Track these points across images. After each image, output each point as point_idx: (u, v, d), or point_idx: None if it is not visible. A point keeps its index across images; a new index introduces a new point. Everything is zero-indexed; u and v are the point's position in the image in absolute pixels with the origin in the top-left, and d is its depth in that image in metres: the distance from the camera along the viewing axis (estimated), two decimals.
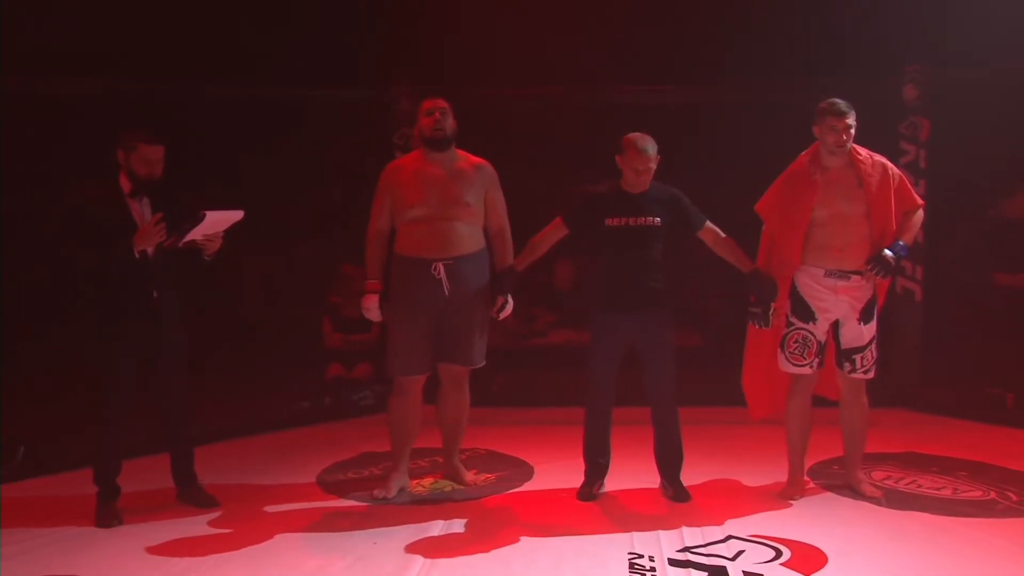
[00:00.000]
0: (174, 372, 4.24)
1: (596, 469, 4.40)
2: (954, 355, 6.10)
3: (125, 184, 4.06)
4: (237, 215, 4.04)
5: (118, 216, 4.01)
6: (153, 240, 3.98)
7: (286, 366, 6.46)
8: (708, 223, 4.30)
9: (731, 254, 4.32)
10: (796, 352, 4.21)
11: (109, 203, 4.02)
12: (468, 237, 4.31)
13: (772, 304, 4.18)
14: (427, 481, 4.63)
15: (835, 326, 4.22)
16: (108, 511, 4.08)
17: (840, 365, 4.25)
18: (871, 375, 4.25)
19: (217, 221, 4.01)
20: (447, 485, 4.58)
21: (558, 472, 4.69)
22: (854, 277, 4.13)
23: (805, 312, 4.18)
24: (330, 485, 4.62)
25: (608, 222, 4.20)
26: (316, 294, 6.75)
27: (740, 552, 3.69)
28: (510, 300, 4.39)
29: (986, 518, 4.03)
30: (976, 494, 4.35)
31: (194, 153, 5.81)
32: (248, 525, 4.04)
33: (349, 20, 6.45)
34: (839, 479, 4.47)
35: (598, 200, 4.26)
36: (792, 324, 4.21)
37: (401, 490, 4.44)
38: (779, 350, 4.26)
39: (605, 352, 4.29)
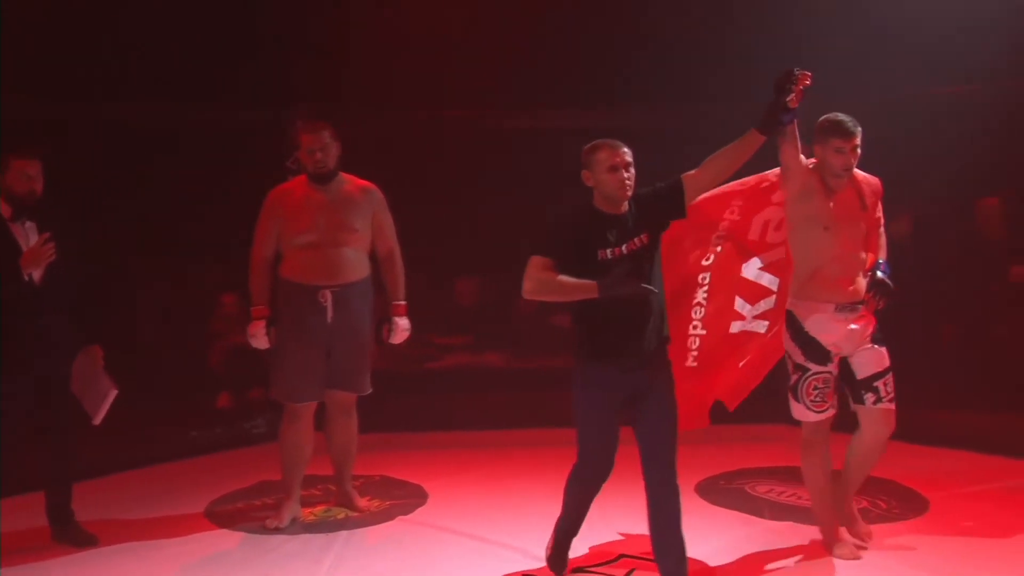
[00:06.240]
0: (63, 405, 4.07)
1: (564, 547, 3.67)
2: None
3: (5, 209, 3.91)
4: (110, 396, 4.10)
5: (1, 242, 3.86)
6: (42, 261, 3.86)
7: (174, 394, 6.29)
8: (683, 175, 3.38)
9: (729, 155, 3.36)
10: (817, 399, 3.78)
11: None
12: (355, 264, 4.32)
13: (793, 82, 3.34)
14: (319, 509, 4.59)
15: (843, 364, 3.84)
16: None
17: (860, 400, 3.83)
18: (894, 404, 3.83)
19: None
20: (340, 512, 4.55)
21: (452, 497, 4.71)
22: (860, 307, 3.81)
23: (820, 354, 3.77)
24: (220, 517, 4.52)
25: (600, 255, 3.30)
26: (206, 317, 6.62)
27: None
28: (403, 324, 4.38)
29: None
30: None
31: (81, 171, 5.65)
32: (130, 563, 3.92)
33: (247, 40, 6.38)
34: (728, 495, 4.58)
35: (580, 230, 3.35)
36: (807, 370, 3.77)
37: (294, 519, 4.39)
38: (793, 400, 3.83)
39: (601, 414, 3.40)
